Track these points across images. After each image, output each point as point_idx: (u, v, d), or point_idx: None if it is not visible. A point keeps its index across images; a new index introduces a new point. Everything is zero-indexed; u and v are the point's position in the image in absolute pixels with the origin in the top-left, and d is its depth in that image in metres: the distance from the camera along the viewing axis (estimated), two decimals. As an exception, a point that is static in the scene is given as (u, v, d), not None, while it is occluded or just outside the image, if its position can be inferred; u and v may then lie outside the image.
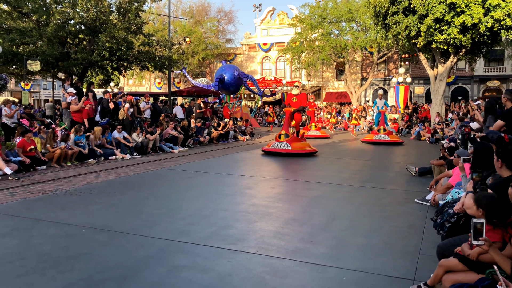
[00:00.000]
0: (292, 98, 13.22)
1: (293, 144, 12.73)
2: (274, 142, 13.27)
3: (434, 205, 6.30)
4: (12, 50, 19.34)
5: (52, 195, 7.12)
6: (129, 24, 21.01)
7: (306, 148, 12.98)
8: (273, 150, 12.85)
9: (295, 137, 13.20)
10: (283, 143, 12.82)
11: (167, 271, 3.94)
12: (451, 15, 19.10)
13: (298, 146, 12.81)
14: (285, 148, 12.66)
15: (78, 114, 12.69)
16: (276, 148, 12.88)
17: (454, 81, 35.74)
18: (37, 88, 45.92)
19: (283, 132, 13.22)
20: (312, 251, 4.51)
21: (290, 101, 13.24)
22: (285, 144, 12.75)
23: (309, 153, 12.81)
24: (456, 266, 3.06)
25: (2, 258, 4.19)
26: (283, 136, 13.10)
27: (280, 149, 12.72)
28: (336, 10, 32.10)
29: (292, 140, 12.88)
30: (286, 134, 13.08)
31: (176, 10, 42.61)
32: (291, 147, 12.62)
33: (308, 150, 12.93)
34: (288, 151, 12.57)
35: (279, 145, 12.88)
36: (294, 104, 13.15)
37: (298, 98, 13.16)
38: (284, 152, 12.55)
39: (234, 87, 13.39)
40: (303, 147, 12.95)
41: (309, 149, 13.00)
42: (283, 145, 12.75)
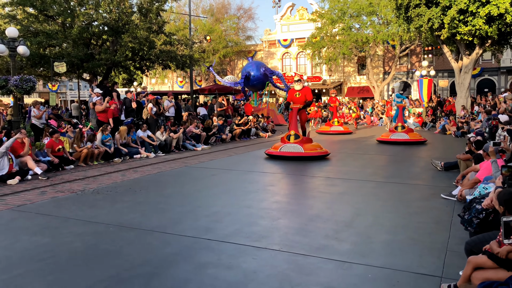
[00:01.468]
0: (295, 94, 11.86)
1: (305, 146, 11.33)
2: (282, 144, 11.53)
3: (461, 201, 6.20)
4: (39, 52, 19.84)
5: (80, 194, 7.30)
6: (150, 24, 21.27)
7: (318, 150, 11.58)
8: (283, 153, 11.25)
9: (307, 138, 11.87)
10: (293, 145, 11.33)
11: (193, 268, 3.99)
12: (476, 5, 18.60)
13: (310, 148, 11.43)
14: (297, 151, 11.20)
15: (103, 114, 12.94)
16: (285, 151, 11.29)
17: (480, 73, 34.84)
18: (64, 89, 46.94)
19: (293, 132, 11.59)
20: (336, 248, 4.50)
21: (293, 97, 11.87)
22: (296, 146, 11.29)
23: (321, 156, 11.42)
24: (485, 263, 3.01)
25: (34, 256, 4.33)
26: (292, 137, 11.53)
27: (290, 153, 11.21)
28: (356, 4, 31.67)
29: (304, 142, 11.51)
30: (296, 135, 11.55)
31: (196, 8, 42.87)
32: (304, 149, 11.18)
33: (321, 153, 11.50)
34: (300, 154, 11.13)
35: (290, 148, 11.34)
36: (297, 100, 11.81)
37: (301, 93, 11.82)
38: (296, 155, 11.11)
39: (260, 84, 13.25)
40: (315, 148, 11.56)
41: (321, 151, 11.57)
42: (294, 148, 11.28)
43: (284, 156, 11.15)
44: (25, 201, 6.79)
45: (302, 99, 11.73)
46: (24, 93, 12.38)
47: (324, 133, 19.62)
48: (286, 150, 11.29)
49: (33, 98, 31.73)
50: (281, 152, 11.32)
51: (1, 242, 4.79)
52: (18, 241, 4.81)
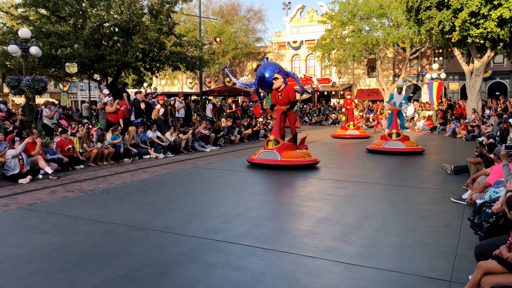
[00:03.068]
0: (277, 96, 10.54)
1: (284, 153, 10.01)
2: (261, 150, 10.44)
3: (471, 204, 6.15)
4: (51, 53, 20.04)
5: (90, 193, 7.36)
6: (161, 25, 21.37)
7: (302, 158, 10.16)
8: (258, 161, 10.10)
9: (288, 145, 10.49)
10: (271, 152, 10.08)
11: (201, 268, 4.01)
12: (488, 8, 18.45)
13: (291, 156, 10.03)
14: (273, 158, 9.93)
15: (113, 115, 13.05)
16: (261, 158, 10.09)
17: (491, 76, 34.49)
18: (74, 89, 47.41)
19: (272, 137, 10.34)
20: (345, 251, 4.49)
21: (276, 99, 10.57)
22: (274, 153, 10.00)
23: (306, 165, 10.01)
24: (495, 268, 2.99)
25: (45, 255, 4.37)
26: (272, 142, 10.25)
27: (266, 160, 9.96)
28: (366, 6, 31.55)
29: (283, 148, 10.17)
30: (276, 140, 10.24)
31: (206, 10, 42.99)
32: (281, 157, 9.89)
33: (305, 161, 10.05)
34: (276, 162, 9.83)
35: (266, 155, 10.11)
36: (280, 101, 10.50)
37: (283, 93, 10.44)
38: (271, 163, 9.84)
39: None
40: (298, 156, 10.14)
41: (307, 160, 10.13)
42: (271, 154, 10.02)
43: (261, 164, 9.97)
44: (36, 200, 6.87)
45: (285, 100, 10.45)
46: (36, 93, 12.50)
47: (339, 137, 18.59)
48: (263, 157, 10.13)
49: (45, 98, 32.08)
50: (258, 159, 10.16)
51: (12, 241, 4.85)
52: (29, 240, 4.87)
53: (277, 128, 10.50)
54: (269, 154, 10.08)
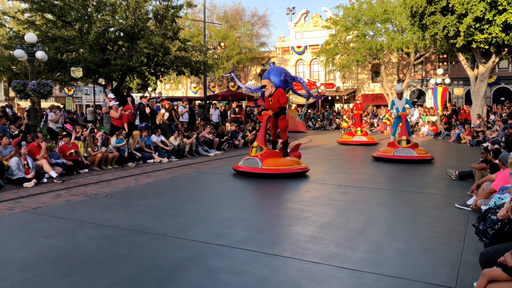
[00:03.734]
0: (268, 101, 10.04)
1: (266, 160, 9.46)
2: (246, 157, 9.98)
3: (476, 210, 6.12)
4: (56, 57, 20.17)
5: (94, 197, 7.38)
6: (165, 30, 21.48)
7: (288, 166, 9.56)
8: (240, 169, 9.68)
9: (272, 152, 9.94)
10: (253, 159, 9.59)
11: (204, 273, 4.01)
12: (493, 13, 18.43)
13: (274, 164, 9.44)
14: (254, 165, 9.46)
15: (118, 119, 13.11)
16: (244, 166, 9.67)
17: (496, 82, 34.36)
18: (79, 93, 47.65)
19: (256, 144, 9.83)
20: (348, 256, 4.48)
21: (268, 105, 10.14)
22: (256, 160, 9.51)
23: (293, 174, 9.41)
24: (500, 276, 2.97)
25: (49, 258, 4.39)
26: (255, 149, 9.76)
27: (247, 168, 9.52)
28: (371, 11, 31.57)
29: (267, 156, 9.60)
30: (259, 147, 9.73)
31: (211, 15, 43.18)
32: (262, 164, 9.37)
33: (292, 170, 9.47)
34: (256, 170, 9.33)
35: (249, 162, 9.63)
36: (272, 106, 9.98)
37: (273, 98, 9.89)
38: (251, 172, 9.38)
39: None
40: (283, 165, 9.55)
41: (295, 168, 9.56)
42: (253, 162, 9.54)
43: (242, 172, 9.54)
44: (41, 203, 6.89)
45: (276, 105, 9.89)
46: (41, 97, 12.59)
47: (346, 143, 17.79)
48: (246, 164, 9.67)
49: (50, 102, 32.26)
50: (240, 167, 9.74)
51: (16, 244, 4.87)
52: (33, 243, 4.89)
53: (261, 134, 10.04)
54: (251, 161, 9.61)
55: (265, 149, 9.74)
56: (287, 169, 9.50)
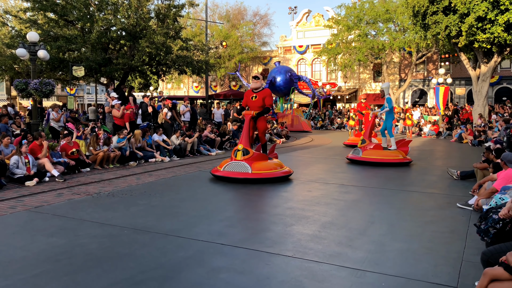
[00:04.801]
0: (251, 97, 9.13)
1: (255, 165, 8.72)
2: (228, 161, 9.06)
3: (477, 210, 6.11)
4: (58, 56, 20.23)
5: (96, 196, 7.39)
6: (167, 29, 21.51)
7: (274, 170, 8.92)
8: (224, 174, 8.74)
9: (259, 155, 9.13)
10: (240, 164, 8.73)
11: (206, 272, 4.01)
12: (495, 13, 18.39)
13: (262, 168, 8.77)
14: (242, 170, 8.62)
15: (120, 118, 13.13)
16: (228, 171, 8.75)
17: (498, 81, 34.33)
18: (81, 92, 47.72)
19: (241, 146, 8.92)
20: (350, 256, 4.48)
21: (249, 100, 9.19)
22: (243, 165, 8.69)
23: (279, 178, 8.81)
24: (502, 275, 2.96)
25: (51, 257, 4.39)
26: (240, 153, 8.86)
27: (233, 173, 8.63)
28: (373, 11, 31.58)
29: (254, 159, 8.83)
30: (245, 150, 8.87)
31: (212, 14, 43.20)
32: (252, 169, 8.58)
33: (278, 173, 8.83)
34: (247, 175, 8.53)
35: (234, 167, 8.76)
36: (253, 104, 9.14)
37: (259, 95, 9.07)
38: (240, 177, 8.53)
39: (285, 89, 12.59)
40: (270, 168, 8.88)
41: (279, 172, 8.91)
42: (239, 167, 8.69)
43: (228, 178, 8.60)
44: (42, 202, 6.91)
45: (259, 104, 9.06)
46: (43, 96, 12.62)
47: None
48: (230, 169, 8.77)
49: (52, 101, 32.32)
50: (224, 172, 8.78)
51: (18, 243, 4.88)
52: (35, 242, 4.90)
53: (246, 136, 8.99)
54: (238, 166, 8.69)
55: (252, 152, 8.91)
56: (275, 173, 8.84)
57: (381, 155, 11.41)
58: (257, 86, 9.14)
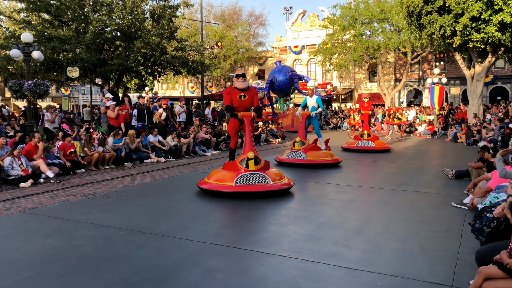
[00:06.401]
0: (239, 96, 7.91)
1: (270, 174, 7.51)
2: (241, 172, 7.40)
3: (472, 209, 6.14)
4: (53, 57, 20.12)
5: (91, 197, 7.37)
6: (162, 30, 21.46)
7: (279, 180, 7.56)
8: (239, 189, 7.19)
9: (266, 162, 7.80)
10: (255, 175, 7.36)
11: (201, 273, 4.01)
12: (489, 13, 18.50)
13: (277, 178, 7.58)
14: (259, 183, 7.30)
15: (115, 119, 13.09)
16: (243, 185, 7.24)
17: (493, 81, 34.52)
18: (76, 93, 47.54)
19: (252, 154, 7.51)
20: (346, 255, 4.49)
21: (236, 99, 7.94)
22: (260, 175, 7.35)
23: (282, 190, 7.44)
24: (496, 274, 2.98)
25: (46, 258, 4.38)
26: (252, 162, 7.47)
27: (250, 186, 7.22)
28: (368, 11, 31.66)
29: (267, 167, 7.70)
30: (257, 159, 7.54)
31: (208, 15, 43.17)
32: (272, 181, 7.37)
33: (280, 186, 7.42)
34: (267, 188, 7.24)
35: (249, 179, 7.32)
36: (243, 104, 7.99)
37: (248, 94, 7.99)
38: (258, 191, 7.19)
39: (286, 89, 12.45)
40: (281, 178, 7.63)
41: (281, 184, 7.49)
42: (256, 178, 7.33)
43: (244, 193, 7.17)
44: (37, 204, 6.87)
45: (249, 103, 8.04)
46: (38, 97, 12.55)
47: (350, 149, 14.79)
48: (244, 182, 7.27)
49: (46, 102, 32.17)
50: (238, 187, 7.22)
51: (13, 244, 4.85)
52: (30, 244, 4.87)
53: (252, 140, 7.87)
54: (253, 177, 7.34)
55: (263, 161, 7.73)
56: (281, 184, 7.57)
57: (315, 156, 11.06)
58: (244, 86, 8.00)
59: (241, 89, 8.03)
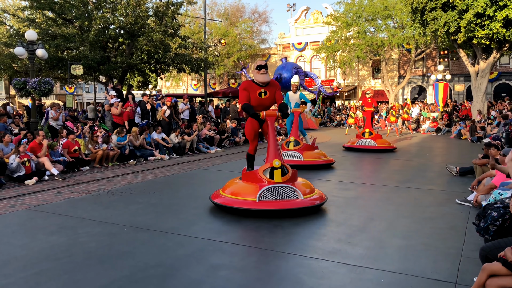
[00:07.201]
0: (259, 92, 6.43)
1: (301, 188, 6.24)
2: (264, 185, 6.06)
3: (477, 206, 6.12)
4: (57, 55, 20.20)
5: (95, 195, 7.40)
6: (166, 27, 21.48)
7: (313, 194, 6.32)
8: (262, 206, 5.81)
9: (294, 172, 6.45)
10: (285, 188, 6.05)
11: (205, 270, 4.02)
12: (493, 9, 18.38)
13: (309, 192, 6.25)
14: (289, 198, 6.00)
15: (119, 117, 13.13)
16: (266, 200, 5.93)
17: (497, 78, 34.35)
18: (80, 91, 47.64)
19: (278, 163, 6.16)
20: (349, 252, 4.49)
21: (256, 97, 6.45)
22: (290, 189, 6.06)
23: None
24: (500, 271, 2.97)
25: (51, 255, 4.40)
26: (279, 172, 6.14)
27: (278, 203, 5.92)
28: (371, 7, 31.52)
29: (294, 177, 6.38)
30: (284, 168, 6.23)
31: (211, 12, 43.11)
32: (302, 195, 6.06)
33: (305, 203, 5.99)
34: (296, 205, 5.92)
35: (276, 193, 5.97)
36: (264, 101, 6.55)
37: (269, 91, 6.51)
38: (287, 208, 5.89)
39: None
40: (311, 192, 6.30)
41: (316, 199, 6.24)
42: (285, 192, 6.01)
43: (272, 211, 5.87)
44: (42, 201, 6.91)
45: (270, 101, 6.59)
46: (42, 95, 12.61)
47: (351, 147, 13.98)
48: (267, 197, 5.95)
49: (51, 100, 32.28)
50: (261, 203, 5.86)
51: (19, 241, 4.89)
52: (35, 241, 4.90)
53: (277, 146, 6.50)
54: (282, 191, 6.04)
55: (291, 170, 6.41)
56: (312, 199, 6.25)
57: (312, 157, 10.32)
58: (267, 80, 6.47)
59: (262, 83, 6.48)
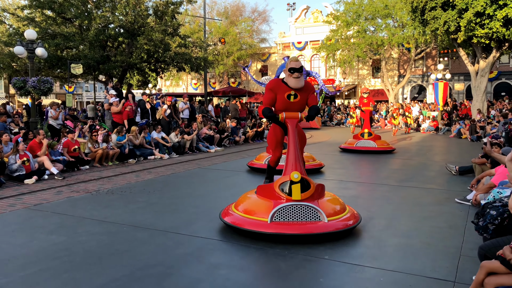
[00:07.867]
0: (287, 95, 5.47)
1: (324, 206, 5.19)
2: (281, 202, 5.06)
3: (476, 205, 6.13)
4: (56, 54, 20.18)
5: (95, 194, 7.40)
6: (166, 26, 21.46)
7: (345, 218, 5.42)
8: (275, 230, 4.79)
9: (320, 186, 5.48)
10: (302, 207, 5.03)
11: (205, 268, 4.03)
12: (493, 8, 18.37)
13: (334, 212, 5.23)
14: (309, 220, 4.93)
15: (118, 116, 13.13)
16: (281, 222, 4.90)
17: (497, 77, 34.33)
18: (80, 90, 47.63)
19: (297, 176, 5.10)
20: (349, 251, 4.50)
21: (284, 101, 5.51)
22: (310, 207, 5.04)
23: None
24: (498, 269, 2.98)
25: (51, 254, 4.41)
26: (297, 187, 5.11)
27: (296, 226, 4.82)
28: (371, 7, 31.50)
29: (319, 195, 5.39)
30: (306, 182, 5.20)
31: (211, 11, 43.08)
32: (327, 219, 4.99)
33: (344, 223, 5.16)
34: (318, 230, 4.81)
35: (294, 214, 4.94)
36: (293, 106, 5.55)
37: (301, 95, 5.52)
38: (310, 233, 4.74)
39: None
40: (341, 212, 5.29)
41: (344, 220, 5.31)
42: (302, 214, 4.97)
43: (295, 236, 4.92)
44: (42, 200, 6.92)
45: (300, 106, 5.56)
46: (42, 94, 12.60)
47: (348, 149, 13.50)
48: (283, 219, 4.93)
49: (50, 99, 32.26)
50: (274, 225, 4.91)
51: (18, 240, 4.89)
52: (35, 240, 4.91)
53: (297, 154, 5.37)
54: (299, 212, 4.99)
55: (313, 185, 5.30)
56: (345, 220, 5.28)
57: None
58: (300, 86, 5.41)
59: (296, 88, 5.45)
